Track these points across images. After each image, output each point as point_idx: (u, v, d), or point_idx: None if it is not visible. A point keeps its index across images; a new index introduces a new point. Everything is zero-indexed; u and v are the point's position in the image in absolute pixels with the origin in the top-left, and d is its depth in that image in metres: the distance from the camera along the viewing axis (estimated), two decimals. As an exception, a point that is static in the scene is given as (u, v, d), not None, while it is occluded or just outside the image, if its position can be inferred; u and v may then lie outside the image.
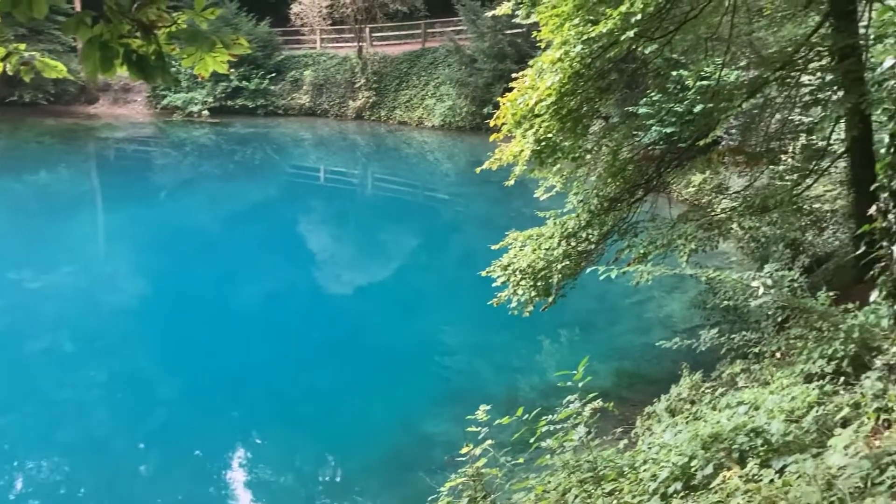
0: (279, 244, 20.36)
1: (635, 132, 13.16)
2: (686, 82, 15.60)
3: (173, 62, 3.38)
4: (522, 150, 9.07)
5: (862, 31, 8.85)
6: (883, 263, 3.55)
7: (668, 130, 15.53)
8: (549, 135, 9.09)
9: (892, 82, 3.35)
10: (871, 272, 3.73)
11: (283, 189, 27.70)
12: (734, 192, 12.28)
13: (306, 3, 35.73)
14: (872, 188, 3.65)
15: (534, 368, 11.79)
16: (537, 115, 8.67)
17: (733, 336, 7.60)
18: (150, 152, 33.30)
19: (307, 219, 24.14)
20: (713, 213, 10.45)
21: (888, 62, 3.39)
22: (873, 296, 3.90)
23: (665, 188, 13.38)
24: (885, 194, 3.45)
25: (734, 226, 9.75)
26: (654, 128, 15.95)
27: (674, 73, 15.59)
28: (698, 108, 10.98)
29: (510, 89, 9.45)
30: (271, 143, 34.11)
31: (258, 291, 16.25)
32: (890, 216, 3.42)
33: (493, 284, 10.28)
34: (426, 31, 36.56)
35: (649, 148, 12.33)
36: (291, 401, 11.32)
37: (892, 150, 3.40)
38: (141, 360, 12.91)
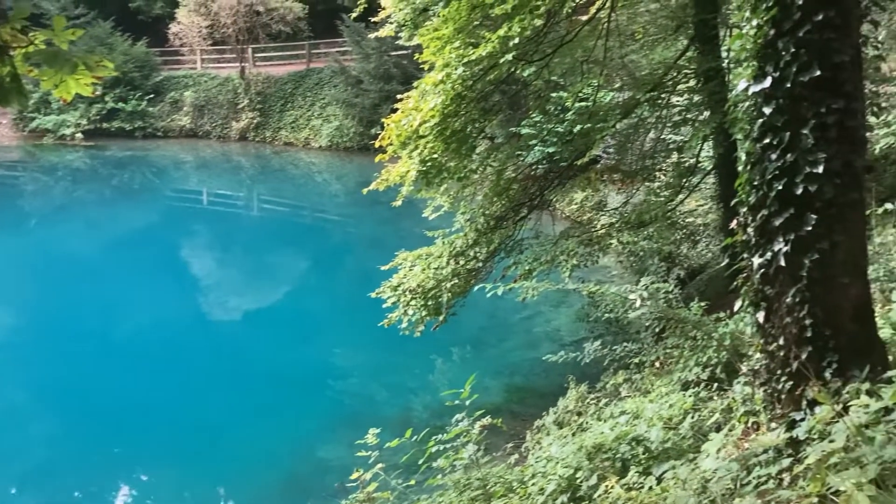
0: (161, 271, 19.58)
1: (519, 152, 13.48)
2: (566, 103, 16.19)
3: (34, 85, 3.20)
4: (408, 171, 9.12)
5: (724, 54, 9.46)
6: (745, 274, 3.76)
7: (551, 150, 16.00)
8: (435, 155, 9.17)
9: (746, 104, 3.58)
10: (735, 282, 3.94)
11: (165, 213, 26.71)
12: (613, 209, 12.77)
13: (185, 23, 34.73)
14: (732, 203, 3.87)
15: (427, 388, 11.79)
16: (422, 137, 8.74)
17: (615, 347, 7.87)
18: (19, 177, 31.42)
19: (191, 244, 23.35)
20: (594, 230, 10.82)
21: (741, 85, 3.60)
22: (737, 305, 4.12)
23: (548, 206, 13.77)
24: (744, 209, 3.66)
25: (613, 241, 10.13)
26: (536, 147, 16.40)
27: (554, 94, 16.11)
28: (577, 128, 11.35)
29: (397, 110, 9.51)
30: (151, 166, 32.86)
31: (140, 321, 15.54)
32: (749, 230, 3.63)
33: (384, 305, 10.25)
34: (311, 52, 36.29)
35: (533, 167, 12.67)
36: (179, 433, 10.87)
37: (748, 167, 3.62)
38: (14, 397, 12.10)
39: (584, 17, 11.67)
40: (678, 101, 10.42)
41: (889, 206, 5.40)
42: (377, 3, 12.71)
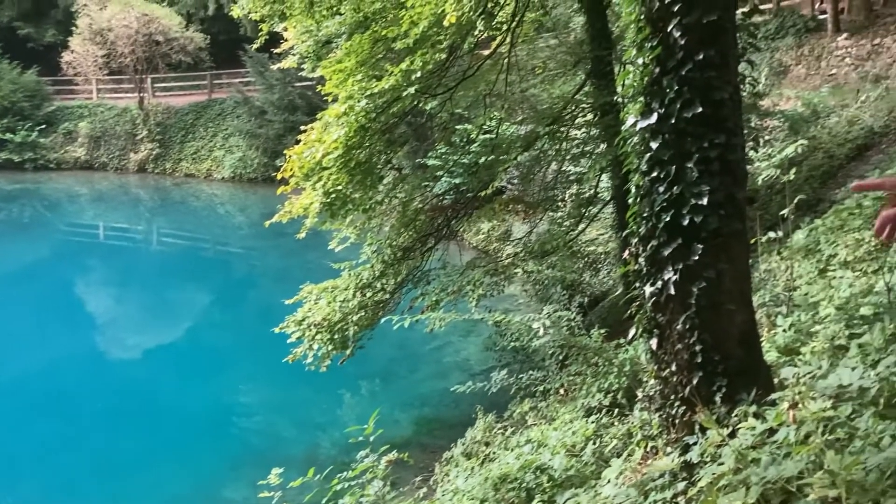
0: (55, 308, 18.62)
1: (426, 183, 13.59)
2: (471, 135, 16.45)
3: None
4: (312, 203, 9.03)
5: (619, 90, 9.83)
6: (638, 302, 3.88)
7: (457, 181, 16.18)
8: (339, 187, 9.12)
9: (635, 138, 3.72)
10: (630, 310, 4.06)
11: (58, 248, 25.48)
12: (518, 239, 12.99)
13: (80, 51, 33.48)
14: (624, 234, 4.00)
15: (334, 423, 11.58)
16: (325, 168, 8.68)
17: (522, 376, 7.95)
18: None
19: (86, 280, 22.34)
20: (499, 260, 10.98)
21: (630, 120, 3.74)
22: (631, 332, 4.24)
23: (455, 236, 13.87)
24: (636, 240, 3.79)
25: (518, 270, 10.29)
26: (443, 178, 16.57)
27: (459, 126, 16.36)
28: (482, 160, 11.54)
29: (300, 141, 9.41)
30: (42, 199, 31.38)
31: (31, 361, 14.70)
32: (641, 259, 3.75)
33: (289, 340, 10.05)
34: (212, 82, 35.66)
35: (440, 198, 12.77)
36: (75, 478, 10.31)
37: (638, 199, 3.75)
38: None
39: (486, 52, 11.97)
40: (577, 134, 10.74)
41: (773, 234, 5.69)
42: (279, 35, 12.64)
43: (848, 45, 16.41)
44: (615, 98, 9.86)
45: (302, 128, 9.94)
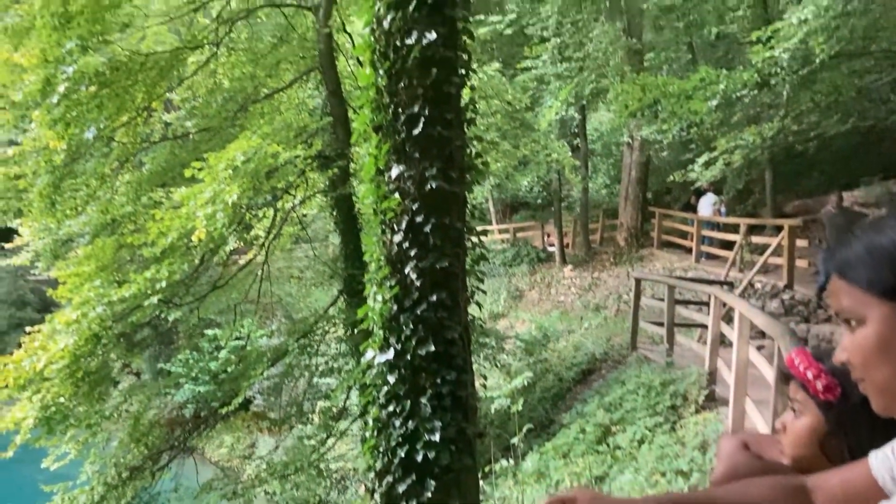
0: None
1: (167, 390, 12.74)
2: (221, 342, 15.91)
3: None
4: (25, 418, 7.98)
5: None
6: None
7: (202, 389, 15.35)
8: (61, 399, 8.21)
9: (374, 371, 3.80)
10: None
11: None
12: (261, 457, 12.33)
13: None
14: (362, 470, 3.94)
15: None
16: (46, 379, 7.81)
17: None
18: None
19: None
20: (239, 481, 10.29)
21: (369, 354, 3.83)
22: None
23: (194, 451, 12.90)
24: (372, 475, 3.74)
25: (260, 491, 9.67)
26: (186, 386, 15.64)
27: (208, 331, 15.81)
28: (230, 368, 11.12)
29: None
30: None
31: None
32: (376, 496, 3.69)
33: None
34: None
35: (180, 408, 11.98)
36: None
37: (375, 433, 3.76)
38: None
39: (241, 259, 11.93)
40: (327, 350, 10.80)
41: (504, 462, 5.93)
42: (13, 229, 11.73)
43: (573, 276, 18.58)
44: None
45: (28, 329, 9.01)
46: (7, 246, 12.51)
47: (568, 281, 18.66)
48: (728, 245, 14.25)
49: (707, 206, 15.94)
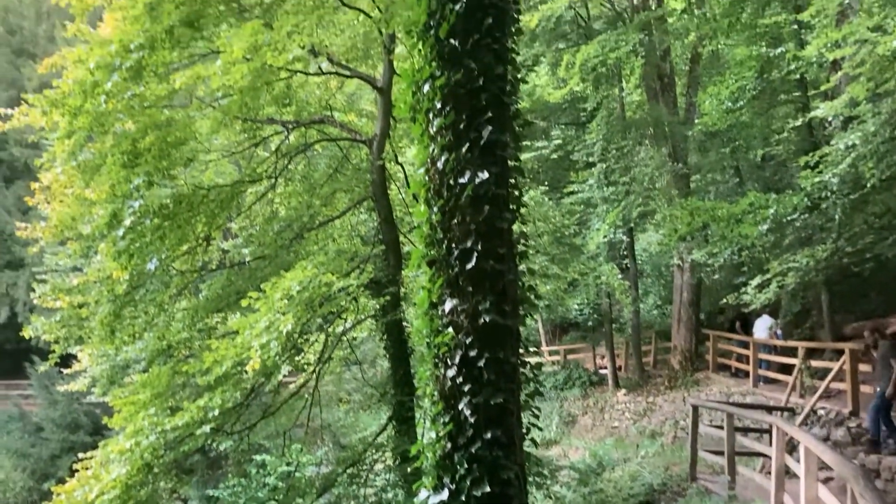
0: None
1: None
2: (269, 468, 15.71)
3: None
4: (76, 549, 7.88)
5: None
6: None
7: (249, 520, 15.04)
8: (111, 531, 8.11)
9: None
10: None
11: None
12: None
13: None
14: None
15: None
16: (98, 510, 7.76)
17: None
18: None
19: None
20: None
21: (422, 495, 3.75)
22: None
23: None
24: None
25: None
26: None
27: (257, 456, 15.64)
28: (280, 496, 10.94)
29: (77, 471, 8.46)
30: None
31: None
32: None
33: None
34: (-10, 392, 32.49)
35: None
36: None
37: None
38: None
39: (291, 383, 11.92)
40: (374, 479, 10.56)
41: None
42: (73, 355, 12.00)
43: (627, 401, 18.08)
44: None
45: (80, 455, 9.02)
46: (66, 371, 12.80)
47: (622, 406, 18.16)
48: (786, 369, 13.81)
49: (763, 328, 15.60)
